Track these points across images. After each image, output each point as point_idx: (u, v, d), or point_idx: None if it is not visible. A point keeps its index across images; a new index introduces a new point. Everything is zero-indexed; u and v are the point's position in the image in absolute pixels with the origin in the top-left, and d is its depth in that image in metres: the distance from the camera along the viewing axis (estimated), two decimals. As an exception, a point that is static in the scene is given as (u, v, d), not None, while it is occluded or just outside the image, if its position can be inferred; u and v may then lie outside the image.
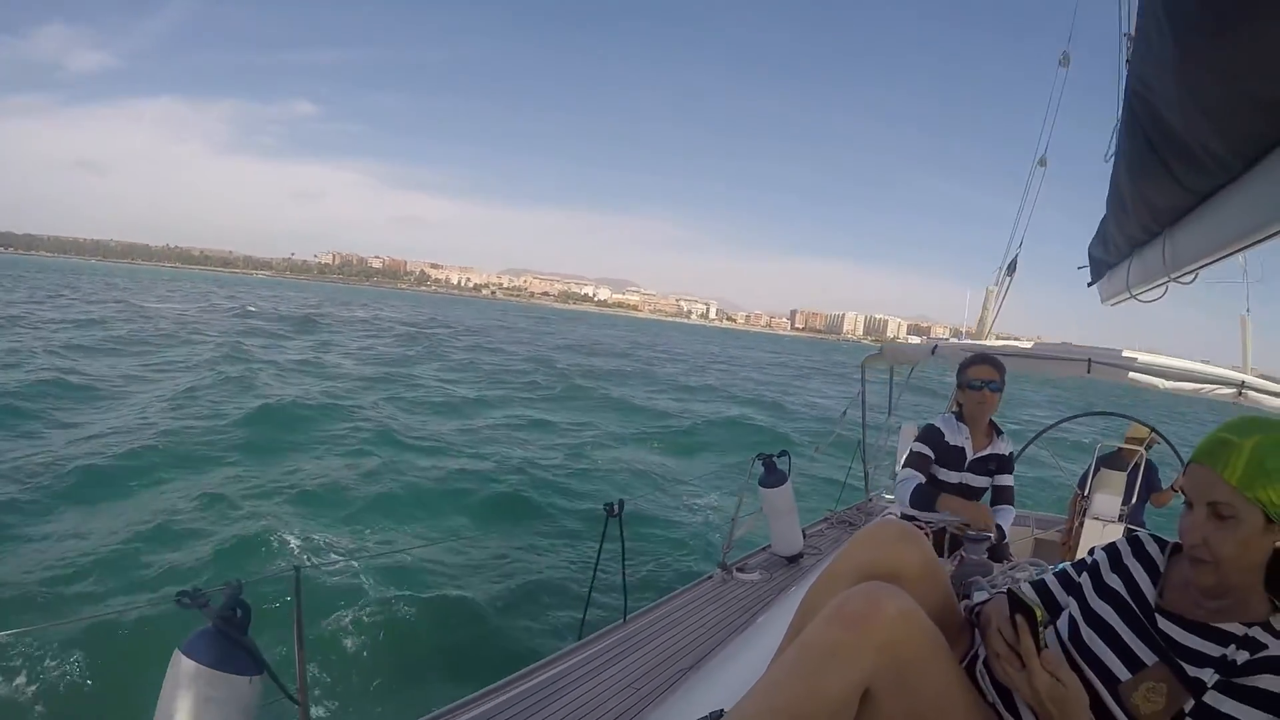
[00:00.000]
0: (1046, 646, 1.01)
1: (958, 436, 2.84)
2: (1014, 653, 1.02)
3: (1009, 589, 1.04)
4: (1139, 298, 2.60)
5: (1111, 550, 1.25)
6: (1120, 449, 4.36)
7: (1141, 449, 4.15)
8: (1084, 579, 1.25)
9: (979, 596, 1.37)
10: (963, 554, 2.34)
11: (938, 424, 2.88)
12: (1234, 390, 3.30)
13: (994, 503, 2.93)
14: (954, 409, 2.93)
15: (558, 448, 10.94)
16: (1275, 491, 0.96)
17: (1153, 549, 1.21)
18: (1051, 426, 4.31)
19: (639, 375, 25.33)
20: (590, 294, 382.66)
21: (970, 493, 2.87)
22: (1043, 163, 4.70)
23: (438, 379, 18.15)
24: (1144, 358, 3.43)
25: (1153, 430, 4.21)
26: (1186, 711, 0.99)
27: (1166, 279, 2.17)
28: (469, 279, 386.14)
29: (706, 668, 2.15)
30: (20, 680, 3.67)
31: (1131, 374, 3.44)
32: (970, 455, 2.84)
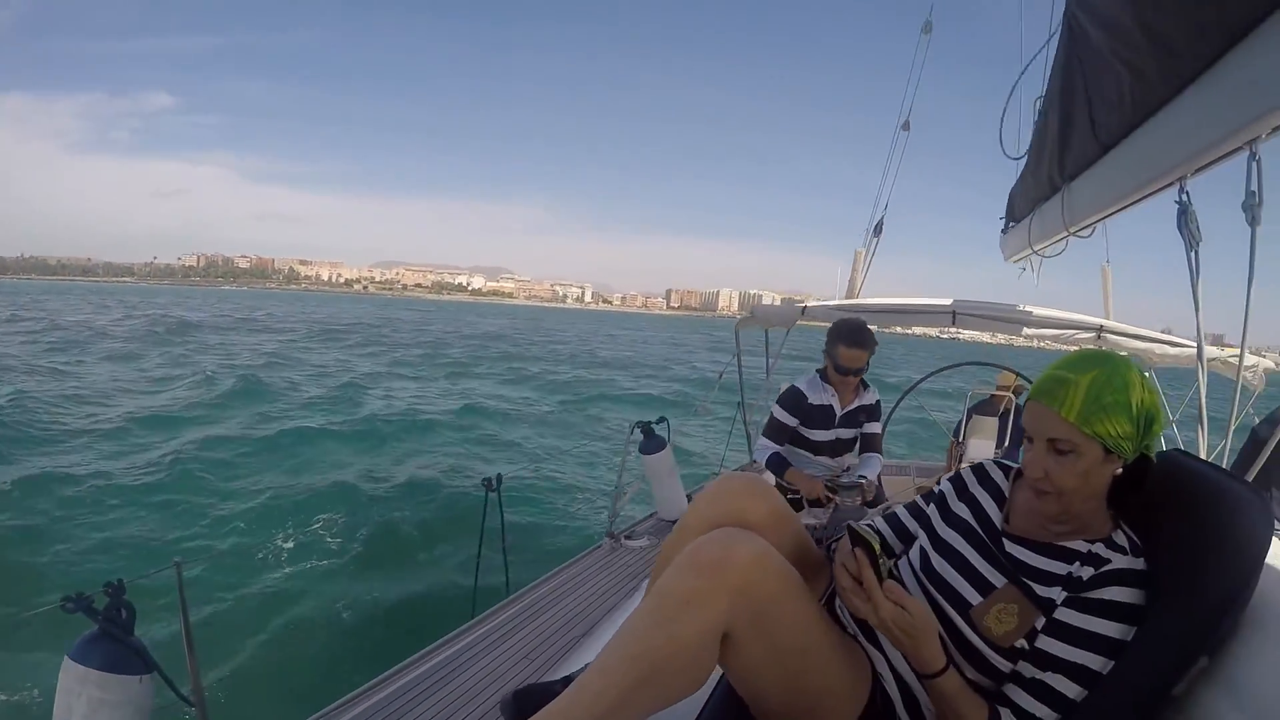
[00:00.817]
0: (890, 577, 1.02)
1: (824, 395, 2.94)
2: (859, 585, 1.04)
3: (848, 524, 1.06)
4: (1041, 253, 2.89)
5: (957, 480, 1.28)
6: (991, 396, 4.61)
7: (1011, 394, 4.39)
8: (931, 509, 1.28)
9: None
10: (836, 501, 2.55)
11: (801, 386, 2.97)
12: (1093, 334, 3.46)
13: (862, 450, 3.07)
14: (820, 369, 3.02)
15: (446, 426, 10.81)
16: (1112, 425, 1.00)
17: (998, 476, 1.24)
18: (924, 379, 4.42)
19: (536, 356, 25.09)
20: (464, 283, 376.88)
21: (843, 446, 3.02)
22: (906, 127, 5.00)
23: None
24: (1006, 306, 3.57)
25: (1019, 375, 4.48)
26: (1039, 629, 1.02)
27: (1065, 233, 2.44)
28: (339, 274, 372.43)
29: (597, 632, 2.26)
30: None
31: (994, 321, 3.55)
32: (839, 411, 2.96)
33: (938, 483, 1.36)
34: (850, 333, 2.85)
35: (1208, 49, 1.23)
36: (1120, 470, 1.08)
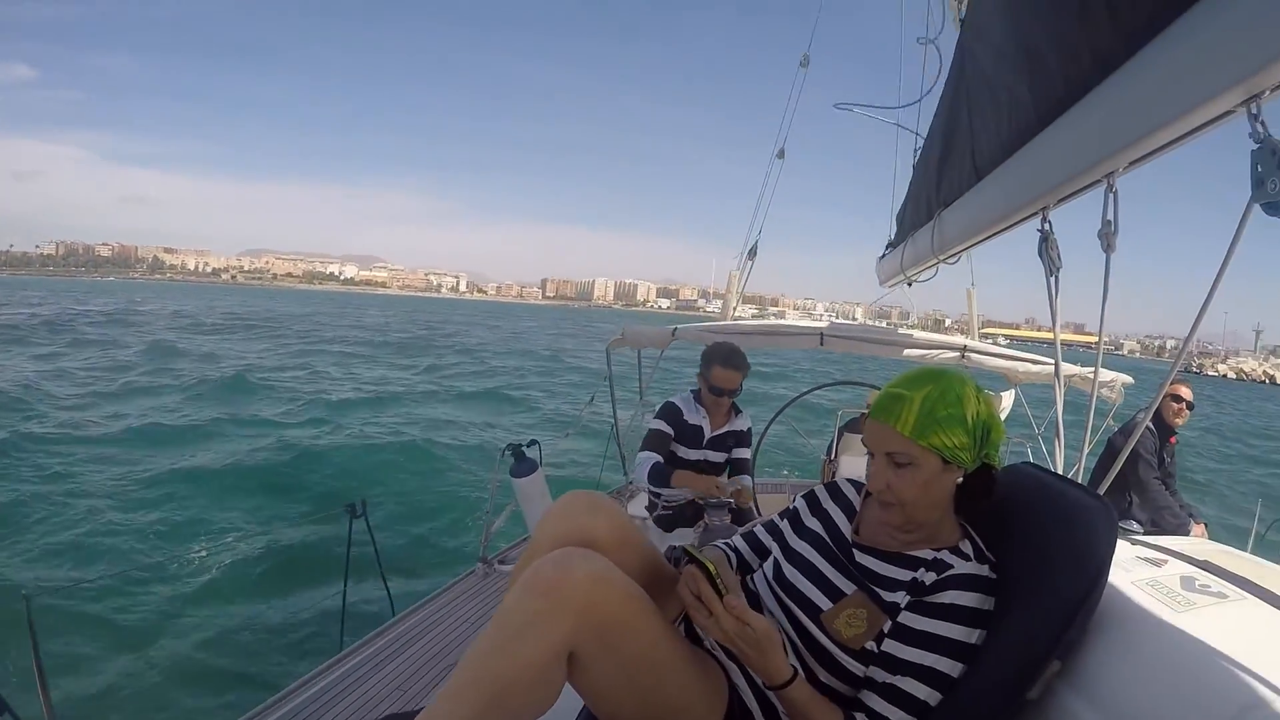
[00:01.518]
0: (728, 593, 1.04)
1: (695, 416, 3.00)
2: (701, 602, 1.06)
3: (684, 546, 1.10)
4: (912, 279, 3.07)
5: (810, 497, 1.36)
6: (862, 414, 4.67)
7: None
8: (785, 524, 1.36)
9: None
10: (706, 521, 2.58)
11: (677, 402, 3.03)
12: (957, 354, 3.63)
13: (732, 475, 3.10)
14: (695, 390, 3.08)
15: (307, 442, 10.13)
16: (947, 436, 1.05)
17: (849, 491, 1.32)
18: (795, 400, 4.47)
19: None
20: (336, 273, 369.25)
21: (710, 468, 3.04)
22: (781, 155, 5.27)
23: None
24: (876, 329, 3.80)
25: None
26: (886, 632, 1.08)
27: (935, 260, 2.60)
28: (206, 263, 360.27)
29: None
30: None
31: (863, 344, 3.70)
32: (709, 434, 3.02)
33: (793, 500, 1.42)
34: (725, 355, 2.92)
35: (1079, 78, 1.33)
36: (962, 479, 1.14)
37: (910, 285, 3.36)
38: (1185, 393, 3.49)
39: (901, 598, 1.10)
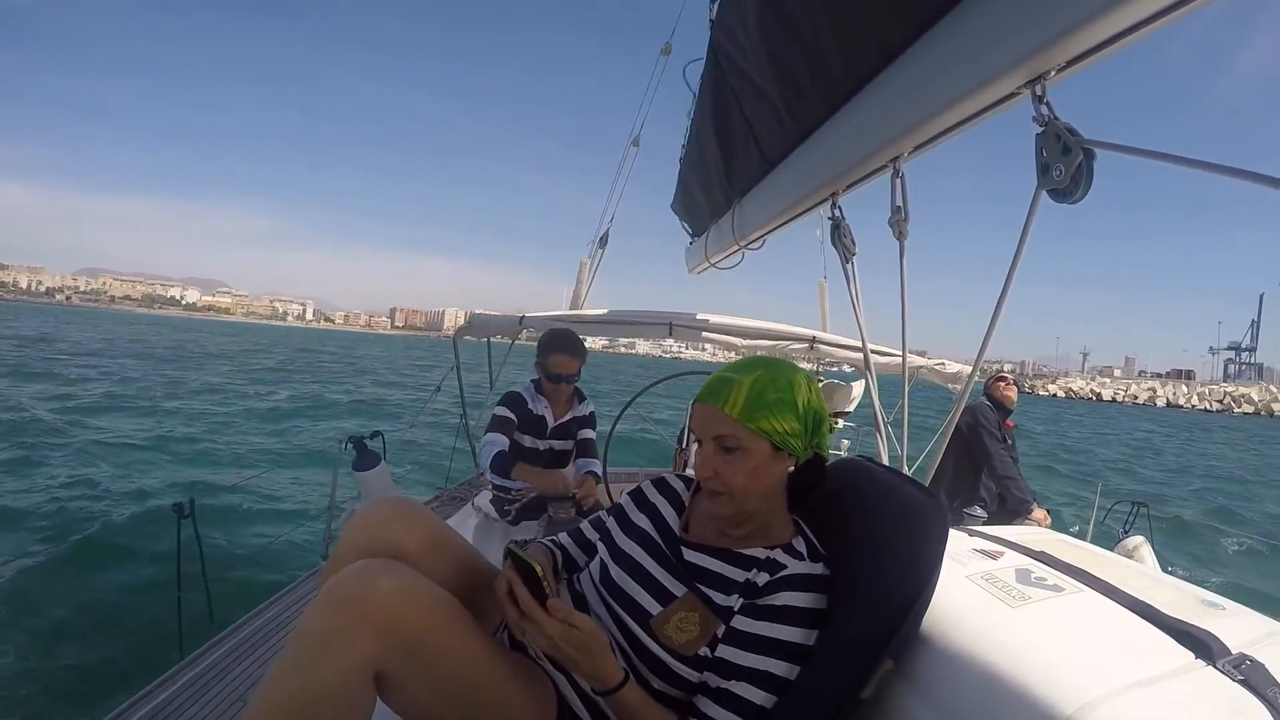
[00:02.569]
0: (553, 595, 0.99)
1: (538, 406, 2.93)
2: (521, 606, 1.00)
3: (507, 546, 1.03)
4: (718, 265, 3.05)
5: (637, 493, 1.30)
6: None
7: None
8: (611, 521, 1.29)
9: None
10: (549, 514, 2.49)
11: (520, 392, 2.95)
12: (806, 345, 3.72)
13: (578, 457, 3.05)
14: (535, 380, 3.02)
15: (138, 449, 8.94)
16: (778, 421, 1.03)
17: (677, 485, 1.27)
18: (644, 391, 4.62)
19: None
20: (178, 296, 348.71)
21: (557, 457, 2.98)
22: (636, 143, 5.25)
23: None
24: (722, 319, 3.72)
25: None
26: (719, 637, 1.03)
27: (737, 247, 2.57)
28: (40, 282, 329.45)
29: None
30: None
31: (711, 334, 3.66)
32: (552, 423, 2.95)
33: (622, 495, 1.33)
34: (560, 340, 2.86)
35: (863, 66, 1.29)
36: (793, 470, 1.11)
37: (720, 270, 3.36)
38: (1006, 400, 3.73)
39: (735, 600, 1.05)
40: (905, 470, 1.77)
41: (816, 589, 1.04)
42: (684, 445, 4.13)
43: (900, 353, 1.60)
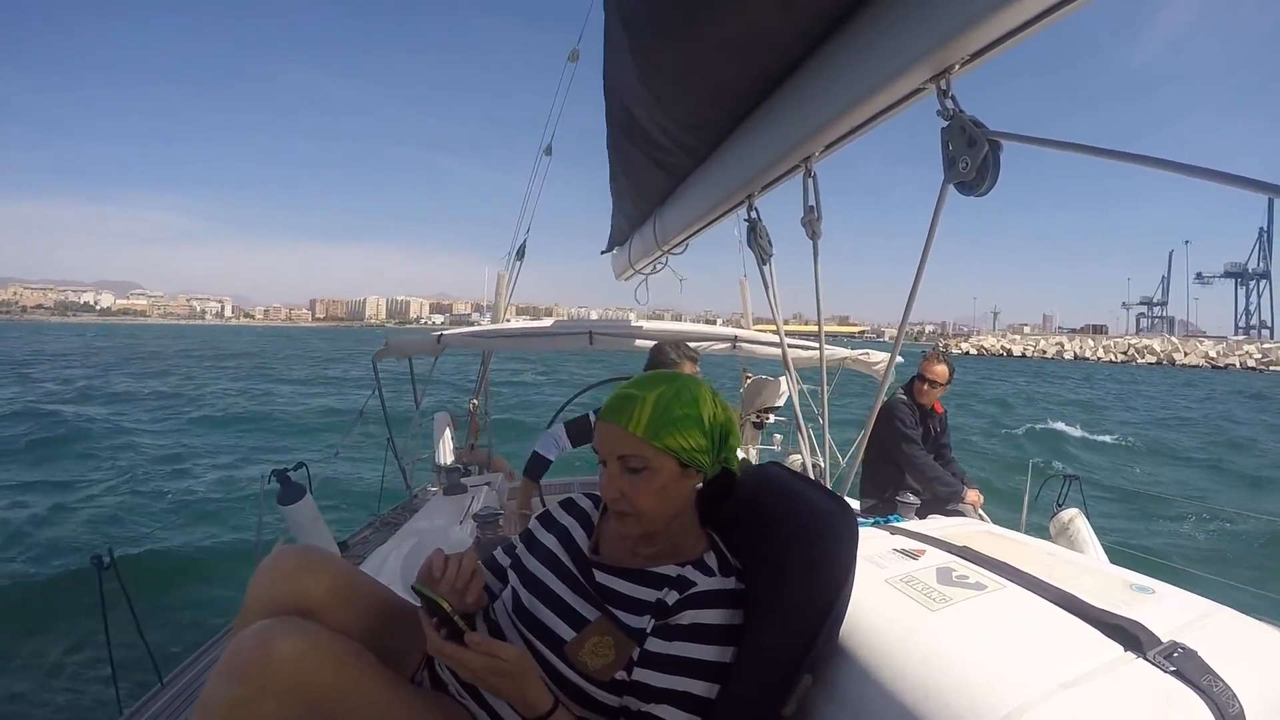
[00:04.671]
0: (471, 629, 0.94)
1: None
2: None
3: (414, 584, 0.99)
4: (641, 271, 3.02)
5: (545, 515, 1.25)
6: None
7: None
8: (520, 546, 1.24)
9: None
10: (479, 535, 2.37)
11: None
12: (728, 345, 3.73)
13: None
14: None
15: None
16: (683, 438, 0.98)
17: (585, 504, 1.22)
18: (577, 395, 4.47)
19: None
20: (92, 302, 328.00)
21: None
22: (548, 152, 5.11)
23: None
24: (644, 324, 3.72)
25: None
26: (635, 660, 1.00)
27: (660, 252, 2.55)
28: None
29: None
30: None
31: (632, 340, 3.65)
32: None
33: (530, 519, 1.29)
34: (678, 351, 2.58)
35: (770, 70, 1.27)
36: (701, 485, 1.07)
37: (646, 277, 3.34)
38: (933, 373, 3.51)
39: (647, 622, 1.00)
40: (825, 466, 1.77)
41: (729, 604, 1.00)
42: None
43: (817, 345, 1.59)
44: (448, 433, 4.08)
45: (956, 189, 0.90)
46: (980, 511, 3.24)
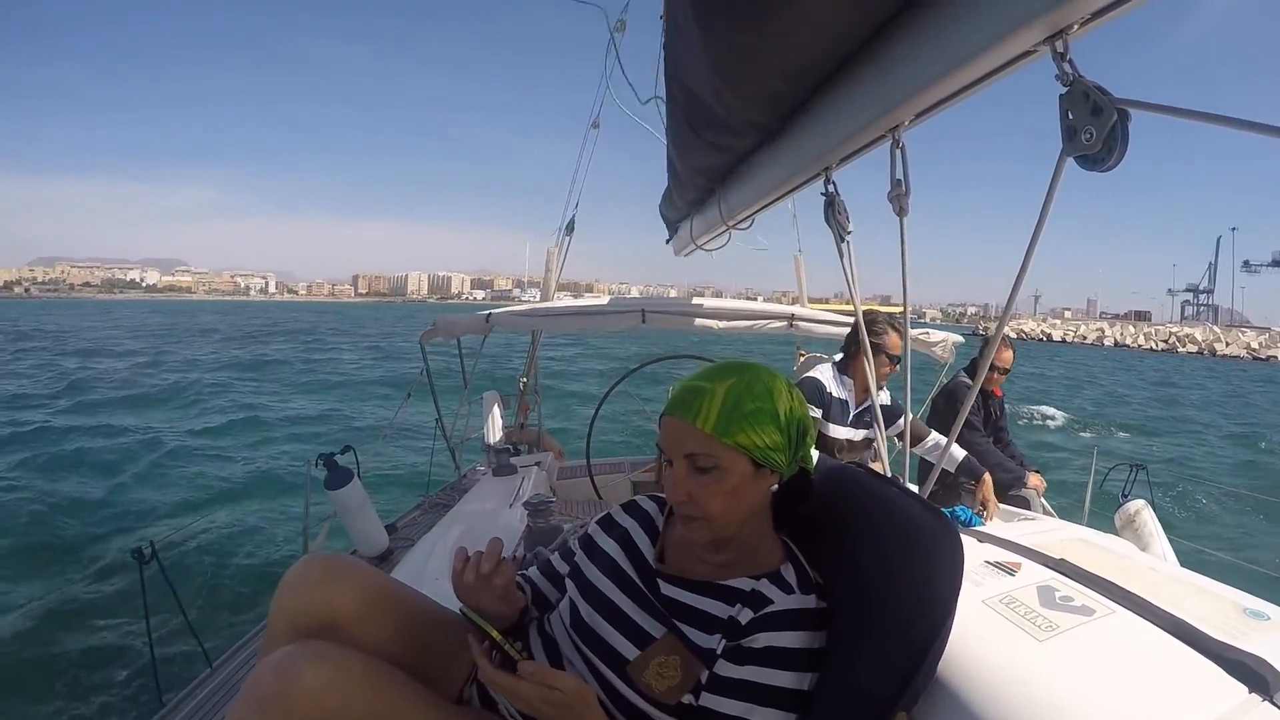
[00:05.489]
0: (521, 656, 0.90)
1: (841, 389, 2.77)
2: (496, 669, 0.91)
3: (460, 608, 0.94)
4: (704, 247, 2.96)
5: (606, 519, 1.19)
6: None
7: None
8: (580, 554, 1.16)
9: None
10: (529, 524, 2.29)
11: (817, 378, 2.76)
12: (785, 323, 3.64)
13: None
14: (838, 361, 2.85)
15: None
16: (756, 434, 0.91)
17: (650, 507, 1.16)
18: (627, 376, 4.45)
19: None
20: (138, 279, 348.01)
21: (855, 448, 2.78)
22: (596, 125, 4.97)
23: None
24: (699, 302, 3.66)
25: None
26: (703, 683, 0.92)
27: (725, 228, 2.48)
28: None
29: None
30: None
31: (686, 319, 3.59)
32: (853, 409, 2.77)
33: (589, 523, 1.22)
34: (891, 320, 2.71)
35: (855, 32, 1.17)
36: (776, 488, 1.00)
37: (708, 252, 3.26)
38: (1003, 360, 3.38)
39: (717, 642, 0.93)
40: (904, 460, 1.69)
41: (810, 626, 0.92)
42: None
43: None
44: (496, 411, 4.10)
45: (1077, 162, 0.82)
46: (1043, 500, 3.10)
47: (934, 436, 2.78)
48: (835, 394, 2.73)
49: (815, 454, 1.08)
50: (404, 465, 8.22)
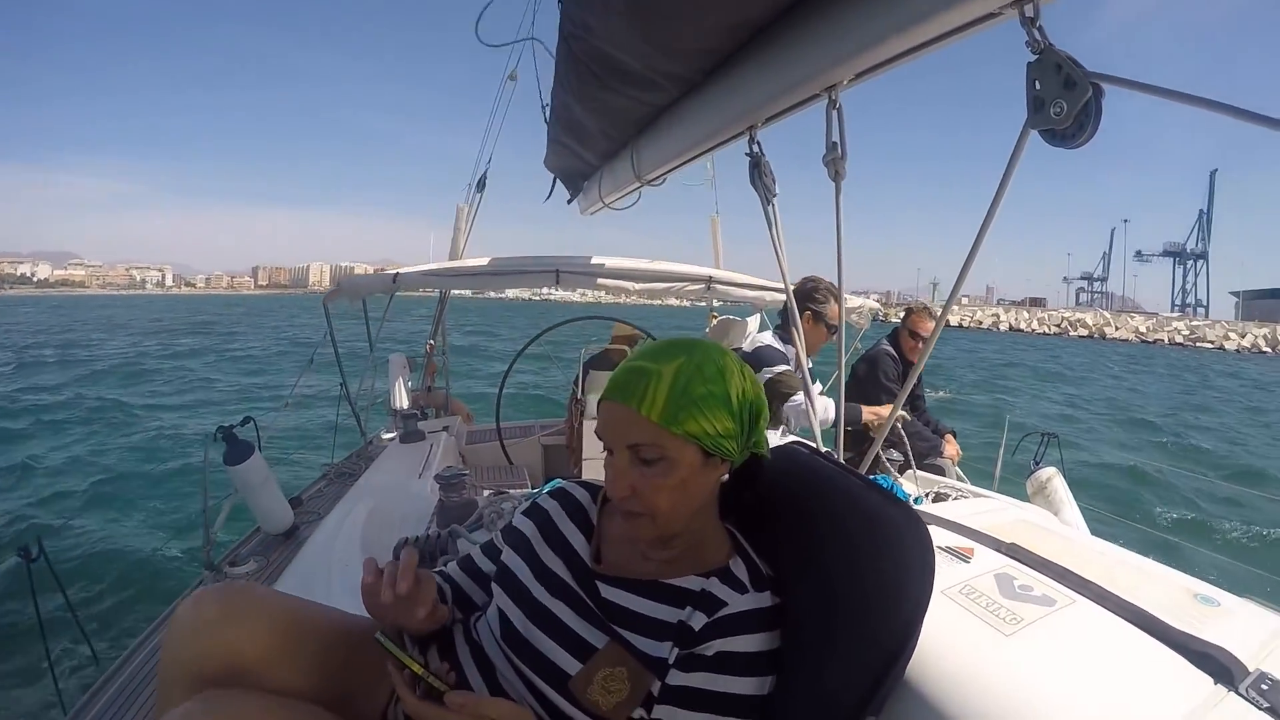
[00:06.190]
0: (449, 682, 0.83)
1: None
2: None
3: (377, 635, 0.84)
4: (613, 205, 2.83)
5: (535, 509, 1.06)
6: (606, 349, 4.52)
7: (627, 347, 4.37)
8: (506, 551, 1.04)
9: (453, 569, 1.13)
10: (441, 498, 2.16)
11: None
12: (702, 285, 3.59)
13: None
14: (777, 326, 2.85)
15: None
16: (708, 421, 0.83)
17: (581, 497, 1.05)
18: (534, 340, 4.37)
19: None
20: (29, 274, 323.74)
21: None
22: (513, 77, 4.63)
23: None
24: (612, 262, 3.55)
25: (634, 326, 4.60)
26: (655, 695, 0.84)
27: (638, 184, 2.36)
28: None
29: None
30: None
31: (601, 279, 3.51)
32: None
33: (515, 513, 1.10)
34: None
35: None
36: (727, 476, 0.91)
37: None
38: (926, 329, 3.40)
39: (668, 650, 0.84)
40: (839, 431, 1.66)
41: (767, 627, 0.86)
42: (580, 395, 4.01)
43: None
44: (403, 375, 3.92)
45: (1042, 137, 0.77)
46: (958, 469, 3.24)
47: (798, 397, 2.66)
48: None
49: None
50: (308, 433, 7.80)
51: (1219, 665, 0.77)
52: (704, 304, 4.95)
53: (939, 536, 1.12)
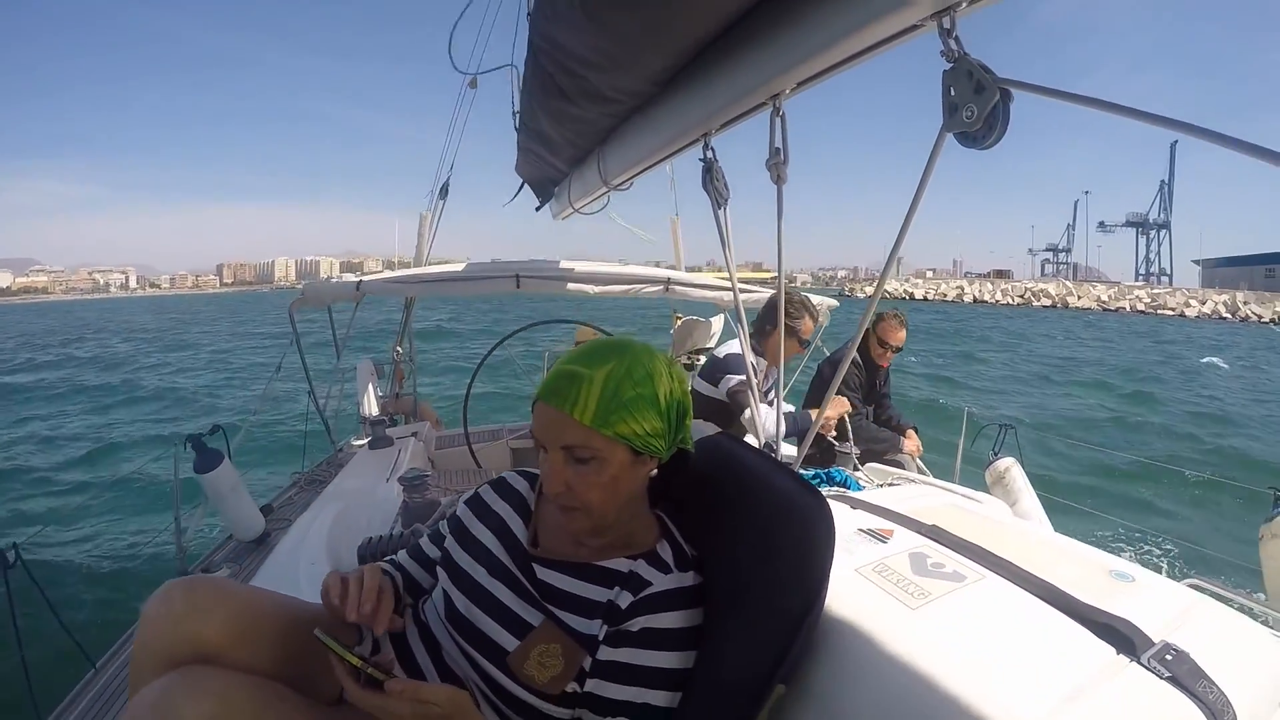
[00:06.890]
0: (390, 672, 0.86)
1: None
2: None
3: (317, 632, 0.87)
4: (583, 210, 2.88)
5: (475, 500, 1.12)
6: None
7: None
8: (450, 539, 1.10)
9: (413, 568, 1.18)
10: (406, 499, 2.23)
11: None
12: (661, 287, 3.63)
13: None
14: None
15: None
16: (636, 422, 0.88)
17: (521, 486, 1.11)
18: (499, 344, 4.36)
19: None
20: None
21: None
22: (473, 84, 4.61)
23: None
24: (574, 266, 3.61)
25: (598, 330, 4.59)
26: (587, 670, 0.91)
27: (605, 190, 2.41)
28: None
29: None
30: None
31: (561, 282, 3.57)
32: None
33: (458, 503, 1.15)
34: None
35: (734, 18, 1.13)
36: (656, 471, 0.98)
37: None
38: (897, 340, 3.42)
39: (598, 627, 0.92)
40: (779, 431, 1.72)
41: (689, 604, 0.92)
42: None
43: (771, 291, 1.52)
44: (371, 381, 3.93)
45: (957, 139, 0.82)
46: (919, 461, 3.29)
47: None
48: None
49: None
50: (278, 441, 7.72)
51: (1121, 636, 0.81)
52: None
53: (861, 520, 1.16)
